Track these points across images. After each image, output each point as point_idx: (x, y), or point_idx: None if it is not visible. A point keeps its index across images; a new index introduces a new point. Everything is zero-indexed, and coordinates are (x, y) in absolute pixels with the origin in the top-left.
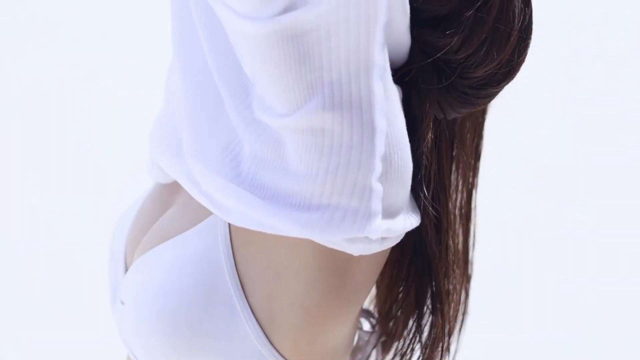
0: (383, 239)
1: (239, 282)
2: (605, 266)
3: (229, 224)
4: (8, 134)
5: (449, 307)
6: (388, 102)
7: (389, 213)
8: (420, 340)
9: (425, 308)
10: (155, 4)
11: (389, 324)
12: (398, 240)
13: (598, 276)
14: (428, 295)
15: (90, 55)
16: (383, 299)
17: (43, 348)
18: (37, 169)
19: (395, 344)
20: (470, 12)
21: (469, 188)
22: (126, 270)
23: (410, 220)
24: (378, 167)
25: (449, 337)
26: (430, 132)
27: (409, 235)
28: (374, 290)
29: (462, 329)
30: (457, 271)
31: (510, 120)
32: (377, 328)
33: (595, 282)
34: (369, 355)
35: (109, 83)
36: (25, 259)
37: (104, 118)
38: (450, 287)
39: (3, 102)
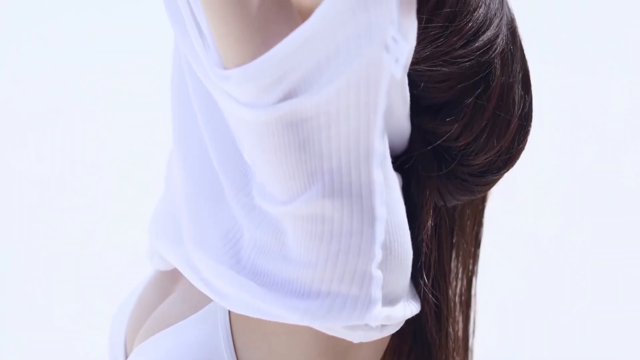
0: (383, 326)
1: None
2: (607, 348)
3: (229, 311)
4: (11, 219)
5: None
6: (388, 189)
7: (389, 300)
8: None
9: None
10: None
11: None
12: (398, 328)
13: None
14: None
15: (90, 143)
16: None
17: None
18: (38, 256)
19: None
20: (471, 100)
21: (469, 275)
22: (126, 357)
23: (410, 308)
24: (378, 254)
25: None
26: (430, 219)
27: (409, 322)
28: None
29: None
30: (457, 358)
31: (510, 207)
32: None
33: None
34: None
35: (108, 170)
36: (25, 350)
37: (104, 205)
38: None
39: (4, 188)
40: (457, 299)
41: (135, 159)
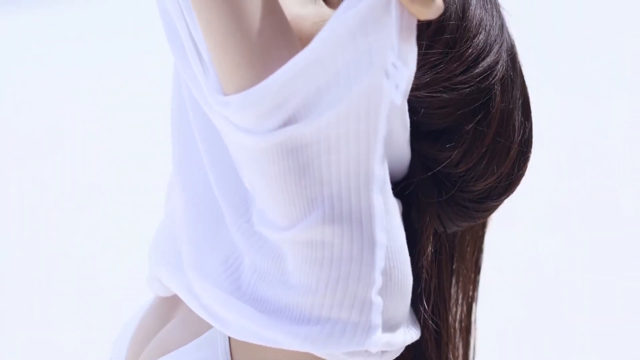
0: (383, 352)
1: None
2: None
3: (229, 337)
4: (11, 245)
5: None
6: (388, 215)
7: (389, 326)
8: None
9: None
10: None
11: None
12: (398, 354)
13: None
14: None
15: (90, 168)
16: None
17: None
18: (38, 280)
19: None
20: (471, 126)
21: (469, 301)
22: None
23: (410, 334)
24: (378, 280)
25: None
26: (430, 245)
27: (409, 348)
28: None
29: None
30: None
31: (510, 234)
32: None
33: None
34: None
35: (109, 195)
36: None
37: (104, 231)
38: None
39: (4, 215)
40: (457, 325)
41: (136, 183)
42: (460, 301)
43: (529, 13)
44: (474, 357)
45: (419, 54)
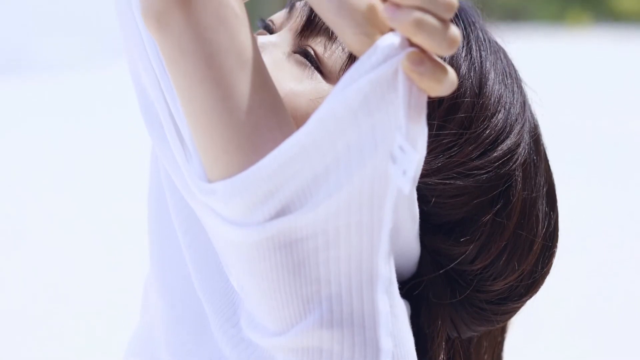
0: None
1: None
2: None
3: None
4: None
5: None
6: (394, 319)
7: None
8: None
9: None
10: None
11: None
12: None
13: None
14: None
15: (59, 268)
16: None
17: None
18: None
19: None
20: (488, 217)
21: None
22: None
23: None
24: None
25: None
26: (442, 353)
27: None
28: None
29: None
30: None
31: (533, 340)
32: None
33: None
34: None
35: (78, 297)
36: None
37: (73, 337)
38: None
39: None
40: None
41: (109, 279)
42: None
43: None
44: None
45: (429, 136)
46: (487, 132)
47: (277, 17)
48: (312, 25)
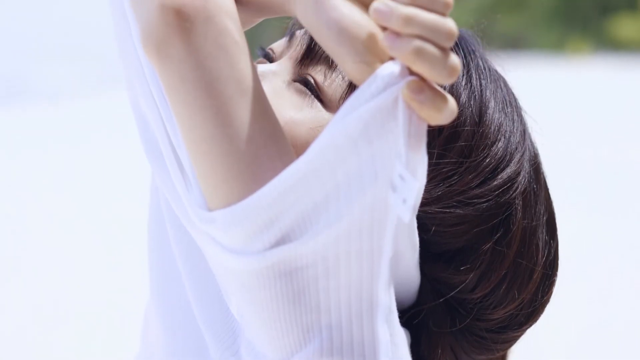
0: None
1: None
2: None
3: None
4: None
5: None
6: (394, 347)
7: None
8: None
9: None
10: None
11: None
12: None
13: None
14: None
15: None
16: None
17: None
18: None
19: None
20: (488, 246)
21: None
22: None
23: None
24: None
25: None
26: None
27: None
28: None
29: None
30: None
31: None
32: None
33: None
34: None
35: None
36: None
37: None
38: None
39: None
40: None
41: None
42: None
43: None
44: None
45: (429, 164)
46: (487, 160)
47: (277, 45)
48: (312, 54)
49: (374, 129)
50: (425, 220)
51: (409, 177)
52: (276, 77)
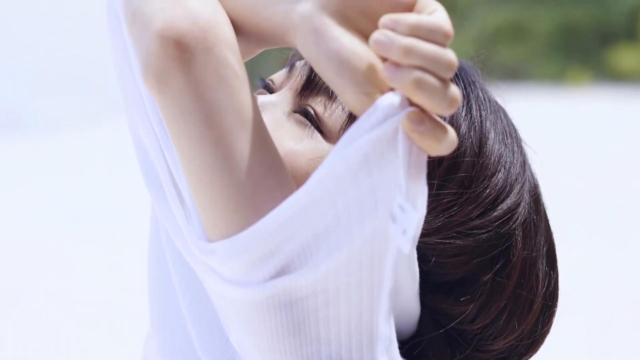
0: None
1: None
2: None
3: None
4: None
5: None
6: None
7: None
8: None
9: None
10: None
11: None
12: None
13: None
14: None
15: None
16: None
17: None
18: None
19: None
20: (488, 277)
21: None
22: None
23: None
24: None
25: None
26: None
27: None
28: None
29: None
30: None
31: None
32: None
33: None
34: None
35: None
36: None
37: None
38: None
39: None
40: None
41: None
42: None
43: (555, 148)
44: None
45: (429, 195)
46: (487, 191)
47: (277, 76)
48: (312, 85)
49: (374, 159)
50: (425, 251)
51: (409, 208)
52: (276, 108)
